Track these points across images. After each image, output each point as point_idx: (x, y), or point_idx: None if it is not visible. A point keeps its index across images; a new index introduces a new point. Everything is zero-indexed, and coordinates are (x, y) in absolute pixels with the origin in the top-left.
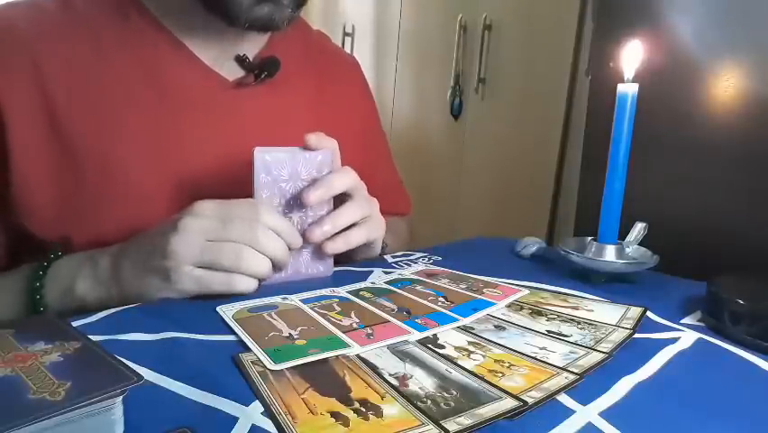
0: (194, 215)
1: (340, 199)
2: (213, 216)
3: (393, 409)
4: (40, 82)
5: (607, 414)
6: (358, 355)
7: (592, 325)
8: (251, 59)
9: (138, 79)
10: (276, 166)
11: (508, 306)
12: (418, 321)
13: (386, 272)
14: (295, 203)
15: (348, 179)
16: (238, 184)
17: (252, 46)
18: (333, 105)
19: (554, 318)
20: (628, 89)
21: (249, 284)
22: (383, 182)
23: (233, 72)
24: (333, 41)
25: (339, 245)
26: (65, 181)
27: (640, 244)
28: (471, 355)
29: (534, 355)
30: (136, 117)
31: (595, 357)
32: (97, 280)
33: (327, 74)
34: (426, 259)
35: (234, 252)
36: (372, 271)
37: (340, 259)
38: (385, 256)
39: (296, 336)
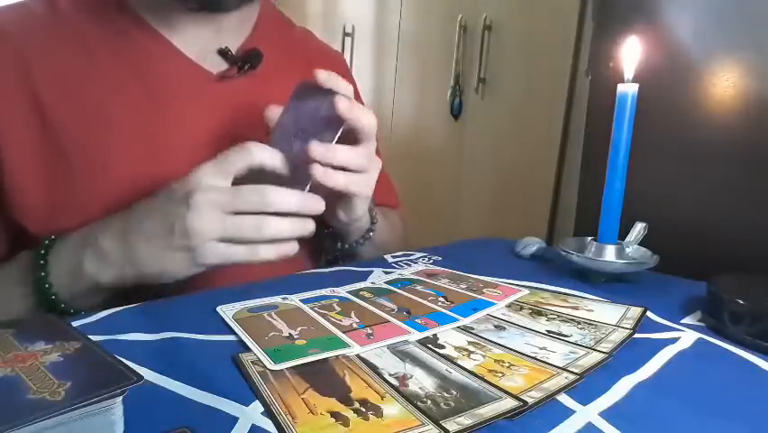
0: (202, 190)
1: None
2: (221, 189)
3: (393, 409)
4: (30, 85)
5: (607, 414)
6: (358, 355)
7: (592, 325)
8: (233, 53)
9: (124, 76)
10: (307, 101)
11: (508, 306)
12: (418, 321)
13: (386, 272)
14: (304, 133)
15: (372, 121)
16: None
17: (235, 40)
18: None
19: (554, 318)
20: (628, 89)
21: (269, 252)
22: None
23: (216, 65)
24: (322, 39)
25: (329, 176)
26: (56, 180)
27: (640, 244)
28: (471, 355)
29: (534, 355)
30: (123, 113)
31: (595, 357)
32: (106, 261)
33: (311, 68)
34: (426, 259)
35: (256, 223)
36: (372, 271)
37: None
38: (385, 256)
39: (296, 336)
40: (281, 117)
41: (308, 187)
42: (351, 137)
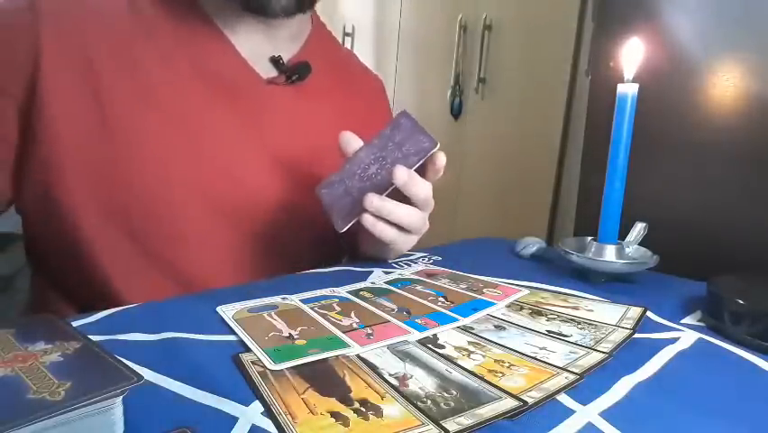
0: None
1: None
2: None
3: (393, 409)
4: (88, 55)
5: (607, 414)
6: (358, 355)
7: (592, 325)
8: (284, 62)
9: (180, 63)
10: (404, 130)
11: (508, 306)
12: (418, 321)
13: (386, 272)
14: (382, 162)
15: (428, 193)
16: (259, 174)
17: (287, 51)
18: (355, 119)
19: (554, 318)
20: (628, 89)
21: None
22: None
23: (266, 71)
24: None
25: (378, 228)
26: (97, 150)
27: (640, 244)
28: (471, 355)
29: (534, 355)
30: (171, 96)
31: (595, 357)
32: None
33: (353, 89)
34: (426, 259)
35: None
36: (372, 272)
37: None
38: None
39: (296, 336)
40: (372, 140)
41: (353, 220)
42: (423, 170)
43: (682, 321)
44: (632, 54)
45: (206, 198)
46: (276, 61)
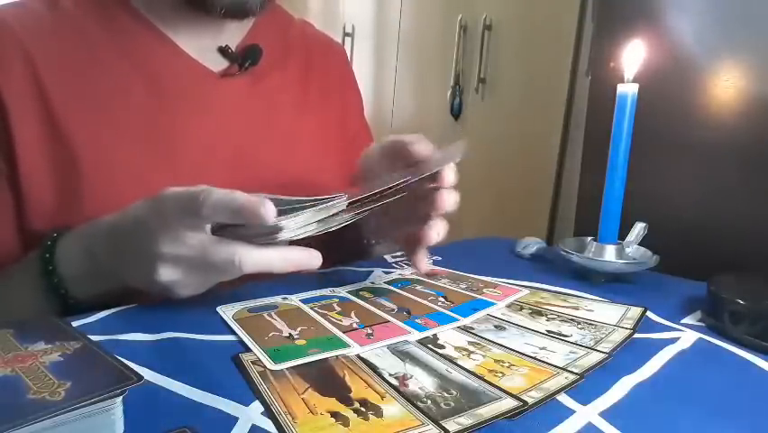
0: (166, 250)
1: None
2: (187, 246)
3: (393, 409)
4: (35, 80)
5: (607, 414)
6: (358, 355)
7: (592, 325)
8: (233, 50)
9: (127, 73)
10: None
11: (508, 306)
12: (418, 321)
13: (386, 272)
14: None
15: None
16: (228, 172)
17: (234, 36)
18: (318, 91)
19: (554, 318)
20: (628, 89)
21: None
22: None
23: (217, 63)
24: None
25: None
26: (64, 176)
27: (640, 244)
28: (471, 355)
29: (534, 355)
30: (127, 110)
31: (595, 357)
32: (102, 272)
33: (312, 61)
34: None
35: (231, 271)
36: (372, 271)
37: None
38: (385, 256)
39: (296, 336)
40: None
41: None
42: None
43: (682, 321)
44: (632, 54)
45: None
46: (225, 51)
